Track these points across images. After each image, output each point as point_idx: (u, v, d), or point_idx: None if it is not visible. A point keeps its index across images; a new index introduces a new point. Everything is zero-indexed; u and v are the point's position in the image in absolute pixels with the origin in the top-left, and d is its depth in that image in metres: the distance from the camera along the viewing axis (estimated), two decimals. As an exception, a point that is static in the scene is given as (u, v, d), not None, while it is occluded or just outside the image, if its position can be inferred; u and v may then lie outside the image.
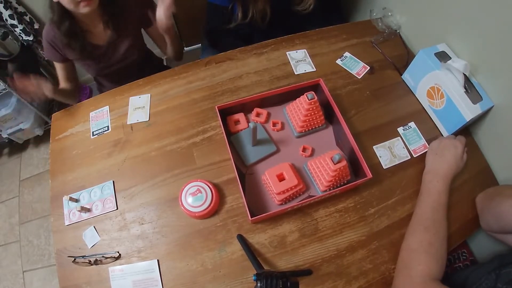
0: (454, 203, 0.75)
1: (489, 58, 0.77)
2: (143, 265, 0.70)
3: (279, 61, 0.99)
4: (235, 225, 0.73)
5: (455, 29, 0.84)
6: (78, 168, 0.83)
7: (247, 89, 0.93)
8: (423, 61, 0.86)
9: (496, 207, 0.67)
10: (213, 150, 0.82)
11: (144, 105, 0.91)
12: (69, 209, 0.77)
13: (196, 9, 1.73)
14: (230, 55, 1.00)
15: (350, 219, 0.74)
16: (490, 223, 0.69)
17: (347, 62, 0.99)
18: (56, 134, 0.90)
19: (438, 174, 0.72)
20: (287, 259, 0.70)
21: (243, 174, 0.78)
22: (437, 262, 0.62)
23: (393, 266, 0.69)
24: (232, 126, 0.84)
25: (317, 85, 0.86)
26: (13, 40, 1.35)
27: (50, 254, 1.51)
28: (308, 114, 0.78)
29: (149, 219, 0.75)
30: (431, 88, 0.85)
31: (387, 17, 1.05)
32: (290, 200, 0.74)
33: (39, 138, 1.74)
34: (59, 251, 0.73)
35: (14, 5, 1.27)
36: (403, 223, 0.73)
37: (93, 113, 0.91)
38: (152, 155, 0.83)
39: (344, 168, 0.69)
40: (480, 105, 0.77)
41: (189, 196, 0.73)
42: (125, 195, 0.78)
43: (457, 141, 0.77)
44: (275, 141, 0.83)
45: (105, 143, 0.86)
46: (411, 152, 0.84)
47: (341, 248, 0.71)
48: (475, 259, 0.96)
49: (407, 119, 0.89)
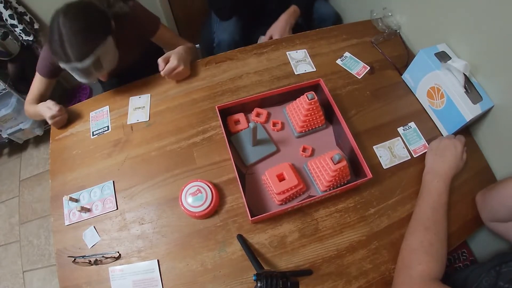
0: (454, 203, 0.75)
1: (489, 58, 0.77)
2: (143, 265, 0.70)
3: (279, 61, 0.99)
4: (235, 225, 0.73)
5: (455, 29, 0.84)
6: (78, 168, 0.83)
7: (247, 89, 0.93)
8: (423, 61, 0.86)
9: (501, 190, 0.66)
10: (213, 150, 0.82)
11: (144, 105, 0.91)
12: (69, 209, 0.77)
13: (196, 9, 1.74)
14: (230, 55, 1.00)
15: (350, 219, 0.74)
16: (495, 210, 0.68)
17: (347, 62, 0.99)
18: (56, 134, 0.90)
19: (438, 174, 0.72)
20: (287, 259, 0.70)
21: (243, 174, 0.78)
22: (437, 262, 0.61)
23: (393, 266, 0.69)
24: (232, 126, 0.84)
25: (317, 85, 0.86)
26: (13, 40, 1.34)
27: (50, 254, 1.51)
28: (308, 114, 0.78)
29: (149, 219, 0.75)
30: (431, 88, 0.85)
31: (387, 17, 1.05)
32: (290, 200, 0.74)
33: (39, 138, 1.74)
34: (59, 251, 0.73)
35: (14, 5, 1.27)
36: (403, 223, 0.73)
37: (93, 113, 0.91)
38: (152, 155, 0.83)
39: (344, 168, 0.69)
40: (480, 105, 0.77)
41: (189, 196, 0.73)
42: (125, 195, 0.78)
43: (457, 140, 0.77)
44: (275, 141, 0.83)
45: (105, 143, 0.86)
46: (411, 152, 0.84)
47: (341, 248, 0.71)
48: (475, 259, 0.96)
49: (407, 119, 0.89)
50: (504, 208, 0.65)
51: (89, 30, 0.76)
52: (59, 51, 0.75)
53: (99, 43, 0.77)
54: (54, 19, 0.75)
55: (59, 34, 0.73)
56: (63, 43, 0.73)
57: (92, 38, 0.76)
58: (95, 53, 0.76)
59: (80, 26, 0.74)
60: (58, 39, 0.73)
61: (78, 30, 0.74)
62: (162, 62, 0.87)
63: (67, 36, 0.73)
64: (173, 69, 0.88)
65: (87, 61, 0.76)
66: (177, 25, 1.80)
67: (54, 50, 0.76)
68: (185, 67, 0.90)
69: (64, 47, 0.74)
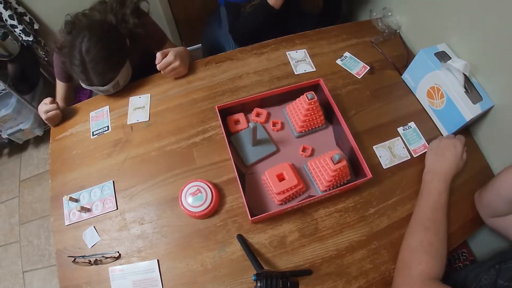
0: (454, 203, 0.75)
1: (489, 58, 0.77)
2: (143, 265, 0.70)
3: (279, 61, 0.99)
4: (235, 225, 0.73)
5: (455, 29, 0.84)
6: (78, 168, 0.83)
7: (247, 89, 0.93)
8: (423, 61, 0.86)
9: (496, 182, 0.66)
10: (213, 150, 0.82)
11: (144, 105, 0.91)
12: (69, 209, 0.77)
13: (196, 10, 1.74)
14: (230, 55, 1.00)
15: (350, 219, 0.74)
16: (492, 203, 0.68)
17: (347, 62, 0.99)
18: (56, 134, 0.90)
19: (438, 174, 0.72)
20: (287, 259, 0.70)
21: (243, 174, 0.78)
22: (437, 262, 0.61)
23: (393, 266, 0.69)
24: (232, 126, 0.84)
25: (317, 85, 0.86)
26: (13, 41, 1.34)
27: (50, 254, 1.51)
28: (308, 114, 0.78)
29: (149, 219, 0.74)
30: (431, 88, 0.85)
31: (387, 17, 1.05)
32: (290, 200, 0.74)
33: (39, 138, 1.74)
34: (59, 251, 0.73)
35: (14, 6, 1.27)
36: (403, 223, 0.73)
37: (93, 113, 0.91)
38: (152, 155, 0.83)
39: (344, 168, 0.69)
40: (480, 105, 0.77)
41: (189, 196, 0.73)
42: (125, 195, 0.78)
43: (457, 140, 0.77)
44: (275, 141, 0.83)
45: (105, 143, 0.86)
46: (411, 152, 0.84)
47: (341, 248, 0.71)
48: (475, 259, 0.96)
49: (407, 119, 0.89)
50: (500, 200, 0.65)
51: (111, 60, 0.81)
52: (81, 75, 0.80)
53: (120, 70, 0.84)
54: (76, 40, 0.78)
55: (81, 60, 0.77)
56: (86, 70, 0.79)
57: (114, 66, 0.83)
58: (116, 78, 0.84)
59: (103, 55, 0.79)
60: (81, 65, 0.78)
61: (101, 58, 0.78)
62: (160, 56, 0.88)
63: (90, 64, 0.78)
64: (168, 63, 0.88)
65: (109, 85, 0.84)
66: (177, 25, 1.80)
67: (75, 72, 0.81)
68: (181, 64, 0.90)
69: (87, 73, 0.79)
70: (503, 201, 0.64)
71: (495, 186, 0.67)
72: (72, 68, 0.80)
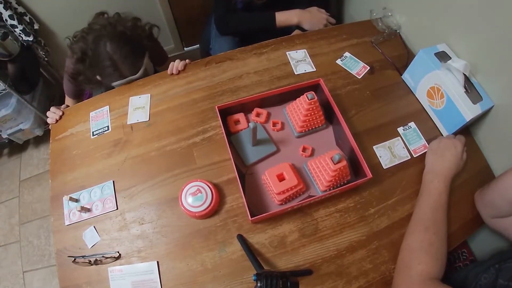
0: (454, 203, 0.75)
1: (489, 58, 0.77)
2: (142, 266, 0.70)
3: (279, 61, 0.99)
4: (235, 225, 0.73)
5: (455, 29, 0.84)
6: (78, 168, 0.83)
7: (247, 89, 0.93)
8: (423, 61, 0.86)
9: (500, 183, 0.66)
10: (213, 150, 0.82)
11: (144, 105, 0.91)
12: (69, 209, 0.77)
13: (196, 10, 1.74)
14: (230, 55, 1.00)
15: (350, 219, 0.74)
16: (495, 204, 0.67)
17: (347, 62, 0.99)
18: (56, 134, 0.90)
19: (438, 174, 0.72)
20: (287, 259, 0.70)
21: (243, 174, 0.78)
22: (437, 262, 0.61)
23: (393, 266, 0.69)
24: (232, 126, 0.84)
25: (317, 85, 0.86)
26: (13, 41, 1.34)
27: (50, 254, 1.50)
28: (308, 114, 0.78)
29: (149, 219, 0.74)
30: (431, 88, 0.85)
31: (387, 17, 1.05)
32: (290, 200, 0.74)
33: (39, 138, 1.74)
34: (59, 251, 0.73)
35: (14, 6, 1.27)
36: (403, 223, 0.73)
37: (93, 113, 0.91)
38: (152, 155, 0.83)
39: (344, 168, 0.69)
40: (480, 105, 0.77)
41: (189, 196, 0.73)
42: (125, 195, 0.78)
43: (457, 140, 0.77)
44: (275, 141, 0.83)
45: (105, 143, 0.86)
46: (411, 152, 0.84)
47: (341, 248, 0.71)
48: (475, 259, 0.95)
49: (407, 119, 0.89)
50: (504, 202, 0.65)
51: (135, 52, 0.93)
52: (114, 74, 0.90)
53: (144, 57, 0.96)
54: (98, 46, 0.87)
55: (111, 60, 0.87)
56: (117, 65, 0.89)
57: (138, 56, 0.94)
58: (143, 64, 0.95)
59: (128, 49, 0.89)
60: (112, 65, 0.88)
61: (127, 53, 0.89)
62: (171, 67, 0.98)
63: (120, 60, 0.88)
64: (177, 67, 0.97)
65: (140, 72, 0.95)
66: (177, 25, 1.80)
67: (106, 75, 0.91)
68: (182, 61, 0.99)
69: (118, 69, 0.90)
70: (507, 203, 0.64)
71: (499, 187, 0.66)
72: (104, 72, 0.90)
